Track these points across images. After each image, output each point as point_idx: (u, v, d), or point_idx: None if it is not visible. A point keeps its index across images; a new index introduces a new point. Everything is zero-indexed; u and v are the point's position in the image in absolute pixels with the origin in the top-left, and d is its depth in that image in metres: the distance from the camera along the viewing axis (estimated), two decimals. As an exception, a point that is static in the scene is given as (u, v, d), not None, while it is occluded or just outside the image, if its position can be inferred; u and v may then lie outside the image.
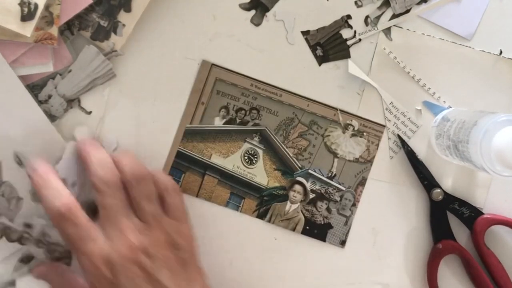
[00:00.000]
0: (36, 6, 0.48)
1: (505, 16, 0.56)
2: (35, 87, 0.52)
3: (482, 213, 0.54)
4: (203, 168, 0.55)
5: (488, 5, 0.55)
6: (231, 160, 0.55)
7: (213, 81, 0.54)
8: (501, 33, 0.55)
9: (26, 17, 0.48)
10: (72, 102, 0.53)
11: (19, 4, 0.48)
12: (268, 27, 0.55)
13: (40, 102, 0.52)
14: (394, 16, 0.55)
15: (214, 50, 0.54)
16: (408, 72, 0.55)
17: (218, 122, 0.55)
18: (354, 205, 0.55)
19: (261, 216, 0.55)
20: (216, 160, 0.55)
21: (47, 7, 0.49)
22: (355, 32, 0.55)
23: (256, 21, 0.55)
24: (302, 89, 0.55)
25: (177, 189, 0.50)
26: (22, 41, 0.49)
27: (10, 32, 0.48)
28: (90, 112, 0.53)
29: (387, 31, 0.55)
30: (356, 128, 0.55)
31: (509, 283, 0.53)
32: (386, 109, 0.55)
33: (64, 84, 0.52)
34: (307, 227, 0.55)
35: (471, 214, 0.54)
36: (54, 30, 0.50)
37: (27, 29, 0.48)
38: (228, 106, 0.55)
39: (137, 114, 0.54)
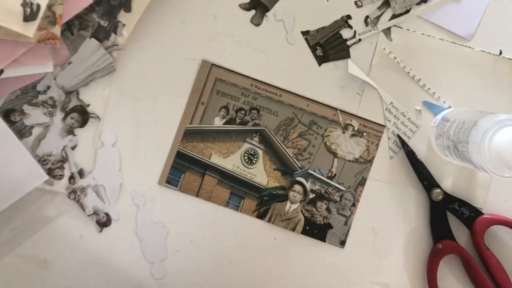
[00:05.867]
0: (38, 6, 0.49)
1: (505, 16, 0.55)
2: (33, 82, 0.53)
3: (482, 213, 0.54)
4: (203, 168, 0.55)
5: (488, 5, 0.55)
6: (231, 160, 0.55)
7: (213, 81, 0.54)
8: (501, 33, 0.55)
9: (28, 17, 0.48)
10: (70, 94, 0.53)
11: (22, 4, 0.48)
12: (268, 27, 0.55)
13: (38, 93, 0.53)
14: (394, 16, 0.55)
15: (214, 50, 0.55)
16: (408, 72, 0.55)
17: (218, 122, 0.55)
18: (354, 205, 0.55)
19: (261, 216, 0.55)
20: (216, 160, 0.55)
21: (49, 6, 0.49)
22: (355, 32, 0.55)
23: (256, 21, 0.55)
24: (302, 89, 0.55)
25: None
26: (25, 41, 0.49)
27: (13, 33, 0.48)
28: (88, 105, 0.54)
29: (387, 31, 0.55)
30: (356, 128, 0.55)
31: (509, 283, 0.52)
32: (386, 109, 0.55)
33: (63, 75, 0.53)
34: (307, 227, 0.55)
35: (471, 214, 0.54)
36: (57, 30, 0.50)
37: (30, 30, 0.49)
38: (228, 106, 0.55)
39: (137, 114, 0.54)
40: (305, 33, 0.55)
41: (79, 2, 0.51)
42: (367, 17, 0.55)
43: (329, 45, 0.55)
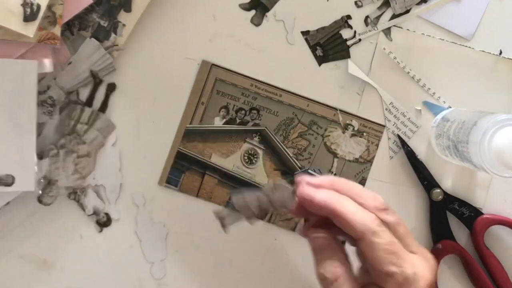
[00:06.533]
0: (38, 6, 0.49)
1: (505, 16, 0.55)
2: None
3: (482, 213, 0.54)
4: (203, 168, 0.55)
5: (488, 5, 0.55)
6: (231, 160, 0.55)
7: (213, 81, 0.55)
8: (501, 33, 0.55)
9: (28, 17, 0.48)
10: (70, 94, 0.53)
11: (22, 4, 0.48)
12: (268, 27, 0.55)
13: (38, 93, 0.53)
14: (394, 16, 0.55)
15: (214, 50, 0.55)
16: (408, 72, 0.55)
17: (218, 122, 0.55)
18: (354, 205, 0.55)
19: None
20: (216, 160, 0.55)
21: (49, 7, 0.49)
22: (355, 32, 0.55)
23: (256, 21, 0.55)
24: (302, 89, 0.55)
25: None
26: (25, 41, 0.49)
27: (13, 33, 0.49)
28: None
29: (387, 31, 0.55)
30: (356, 128, 0.55)
31: (509, 283, 0.52)
32: (386, 109, 0.55)
33: (63, 75, 0.53)
34: (307, 227, 0.55)
35: (470, 214, 0.54)
36: (57, 30, 0.50)
37: (30, 30, 0.49)
38: (228, 106, 0.55)
39: (137, 114, 0.54)
40: (305, 33, 0.55)
41: (79, 2, 0.51)
42: (367, 17, 0.55)
43: (329, 45, 0.55)
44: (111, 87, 0.54)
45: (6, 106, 0.50)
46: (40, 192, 0.52)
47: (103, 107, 0.54)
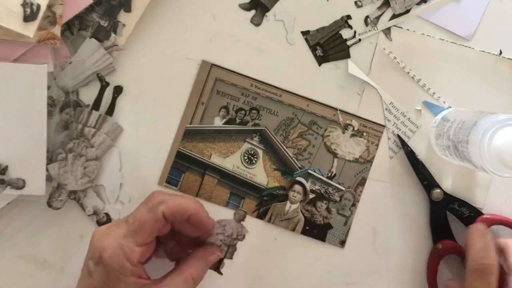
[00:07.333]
0: (38, 6, 0.49)
1: (505, 16, 0.55)
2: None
3: (482, 213, 0.54)
4: (203, 168, 0.55)
5: (488, 5, 0.55)
6: (231, 160, 0.55)
7: (213, 81, 0.55)
8: (501, 33, 0.55)
9: (28, 17, 0.49)
10: (70, 94, 0.53)
11: (22, 5, 0.48)
12: (268, 27, 0.55)
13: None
14: (394, 16, 0.55)
15: (214, 50, 0.55)
16: (408, 72, 0.55)
17: (218, 122, 0.55)
18: (353, 205, 0.55)
19: (261, 216, 0.55)
20: (216, 160, 0.55)
21: (49, 7, 0.49)
22: (355, 32, 0.55)
23: (256, 21, 0.55)
24: (302, 89, 0.55)
25: None
26: (25, 41, 0.49)
27: (13, 33, 0.49)
28: (88, 105, 0.54)
29: (387, 31, 0.55)
30: (356, 128, 0.55)
31: (508, 284, 0.52)
32: (386, 109, 0.55)
33: (63, 75, 0.53)
34: (307, 227, 0.55)
35: (470, 214, 0.54)
36: (57, 30, 0.50)
37: (30, 30, 0.49)
38: (228, 106, 0.55)
39: (137, 114, 0.54)
40: (305, 33, 0.55)
41: (79, 2, 0.51)
42: (367, 17, 0.55)
43: (329, 45, 0.55)
44: (118, 90, 0.54)
45: (18, 110, 0.50)
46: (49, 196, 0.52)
47: (110, 110, 0.54)
